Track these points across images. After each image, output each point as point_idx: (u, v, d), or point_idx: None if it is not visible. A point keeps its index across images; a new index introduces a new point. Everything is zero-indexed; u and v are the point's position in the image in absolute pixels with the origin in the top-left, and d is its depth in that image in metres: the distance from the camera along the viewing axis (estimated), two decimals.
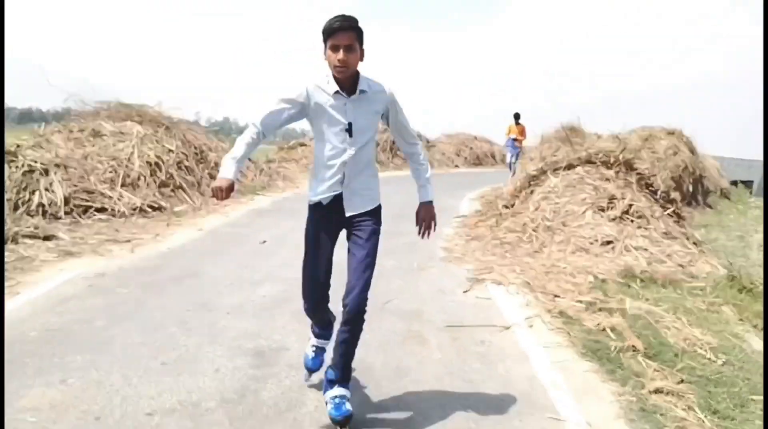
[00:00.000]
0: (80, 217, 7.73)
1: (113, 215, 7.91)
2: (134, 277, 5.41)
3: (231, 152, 2.73)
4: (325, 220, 2.95)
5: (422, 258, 6.64)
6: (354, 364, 3.04)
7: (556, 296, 5.20)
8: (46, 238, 6.54)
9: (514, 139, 15.30)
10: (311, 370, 3.30)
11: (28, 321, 4.17)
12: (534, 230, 7.42)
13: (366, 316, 2.91)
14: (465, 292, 5.42)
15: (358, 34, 2.76)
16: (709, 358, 4.02)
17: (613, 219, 7.42)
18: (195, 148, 10.83)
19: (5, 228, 6.42)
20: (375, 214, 3.00)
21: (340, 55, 2.67)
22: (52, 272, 5.45)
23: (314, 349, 3.28)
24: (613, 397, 3.44)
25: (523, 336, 4.35)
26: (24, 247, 6.16)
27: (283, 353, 3.76)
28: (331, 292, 3.11)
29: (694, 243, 8.46)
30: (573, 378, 3.67)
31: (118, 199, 8.13)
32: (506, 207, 9.08)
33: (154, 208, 8.40)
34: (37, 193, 7.73)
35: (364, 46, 2.80)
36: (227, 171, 2.64)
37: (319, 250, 2.95)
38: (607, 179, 8.62)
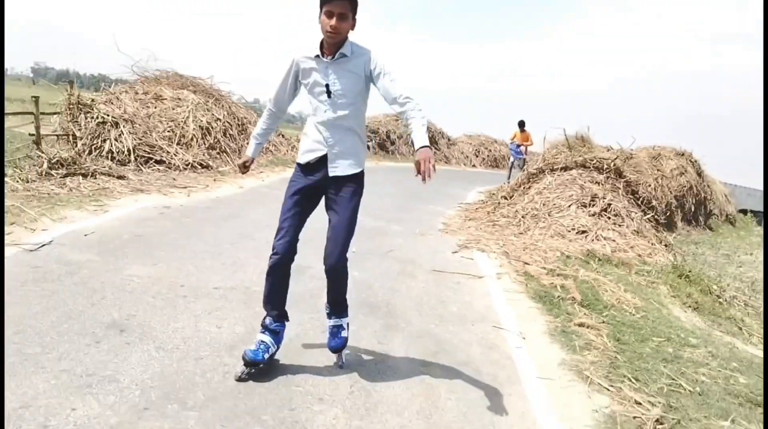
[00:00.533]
0: (142, 166, 9.10)
1: (169, 167, 9.28)
2: (193, 212, 6.75)
3: (254, 132, 3.25)
4: (309, 180, 3.03)
5: (424, 228, 7.89)
6: (360, 284, 4.30)
7: (525, 263, 6.42)
8: (119, 178, 7.91)
9: (518, 145, 16.29)
10: (250, 362, 2.96)
11: (119, 229, 5.53)
12: (523, 217, 8.64)
13: (370, 263, 4.08)
14: (453, 253, 6.68)
15: (353, 4, 2.82)
16: (630, 312, 5.22)
17: (593, 214, 8.60)
18: (237, 119, 12.18)
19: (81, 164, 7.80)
20: (357, 179, 3.07)
21: (333, 21, 2.76)
22: (129, 201, 6.81)
23: (258, 343, 3.05)
24: (545, 323, 4.67)
25: (491, 283, 5.59)
26: (102, 181, 7.54)
27: (307, 269, 5.04)
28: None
29: (665, 245, 9.61)
30: (519, 309, 4.91)
31: (174, 155, 9.50)
32: (505, 198, 10.28)
33: (202, 166, 9.77)
34: (107, 141, 9.11)
35: (357, 17, 2.87)
36: (249, 149, 3.24)
37: (293, 207, 3.02)
38: (597, 182, 9.79)
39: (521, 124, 16.23)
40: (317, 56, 2.88)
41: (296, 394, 2.91)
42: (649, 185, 17.38)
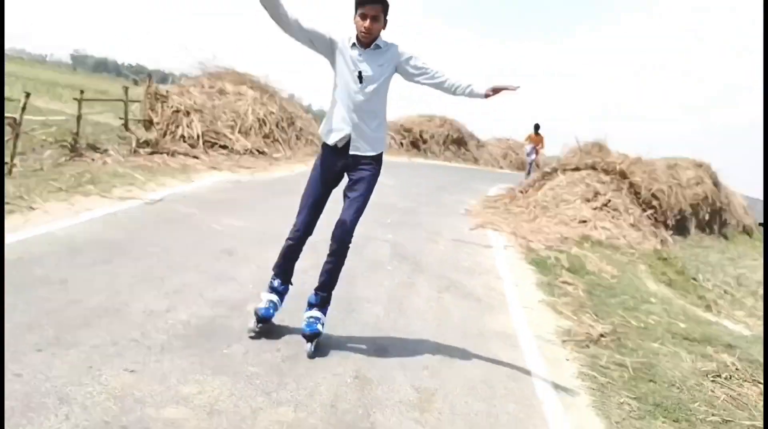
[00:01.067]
0: (208, 149, 10.64)
1: (231, 152, 10.81)
2: (258, 186, 8.26)
3: None
4: (331, 160, 3.29)
5: (449, 212, 9.25)
6: (395, 243, 5.67)
7: (529, 241, 7.74)
8: (194, 157, 9.45)
9: (534, 146, 17.26)
10: (262, 318, 3.33)
11: (206, 194, 7.03)
12: (534, 207, 9.93)
13: (402, 231, 5.50)
14: (471, 229, 8.03)
15: (384, 7, 3.07)
16: (607, 278, 6.51)
17: (595, 208, 9.84)
18: (287, 113, 13.69)
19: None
20: (376, 160, 3.31)
21: (367, 23, 3.02)
22: (206, 175, 8.35)
23: (268, 302, 3.39)
24: (535, 279, 5.99)
25: (498, 252, 6.93)
26: (181, 159, 9.08)
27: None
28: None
29: (661, 240, 10.80)
30: (516, 269, 6.25)
31: (236, 141, 11.03)
32: (521, 192, 11.57)
33: (259, 152, 11.28)
34: (180, 127, 10.67)
35: (388, 17, 3.10)
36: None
37: (319, 185, 3.31)
38: (602, 182, 11.01)
39: (536, 127, 17.05)
40: (354, 44, 3.14)
41: (356, 300, 4.30)
42: (663, 191, 18.47)
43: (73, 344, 2.76)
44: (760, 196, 35.77)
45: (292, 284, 3.49)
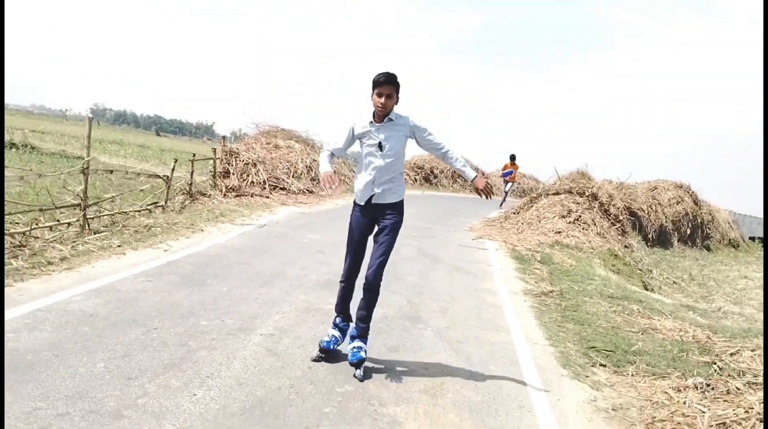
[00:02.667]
0: (272, 192, 13.63)
1: (289, 192, 13.79)
2: (318, 215, 11.17)
3: (324, 164, 3.84)
4: (361, 214, 3.90)
5: (456, 229, 12.08)
6: (419, 248, 8.50)
7: (515, 245, 10.54)
8: (266, 197, 12.45)
9: (507, 172, 18.95)
10: (323, 350, 3.84)
11: (287, 221, 9.95)
12: (521, 224, 12.75)
13: (423, 241, 8.33)
14: (472, 239, 10.85)
15: (396, 86, 3.65)
16: (566, 266, 9.28)
17: (568, 222, 12.62)
18: None
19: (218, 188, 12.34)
20: (397, 207, 3.87)
21: (382, 100, 3.62)
22: (281, 209, 11.30)
23: (331, 336, 3.90)
24: (514, 266, 8.77)
25: (491, 252, 9.73)
26: (258, 199, 12.06)
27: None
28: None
29: (625, 246, 13.53)
30: (502, 261, 9.05)
31: (292, 184, 14.03)
32: (514, 213, 14.39)
33: (309, 191, 14.26)
34: (250, 175, 13.69)
35: (399, 94, 3.70)
36: (326, 167, 3.78)
37: (356, 235, 3.91)
38: (577, 202, 13.80)
39: (512, 157, 18.75)
40: (371, 122, 3.72)
41: (401, 274, 7.12)
42: (642, 210, 21.24)
43: (273, 286, 5.65)
44: (748, 211, 38.14)
45: (352, 321, 4.01)
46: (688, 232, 25.63)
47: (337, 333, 3.98)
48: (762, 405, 3.93)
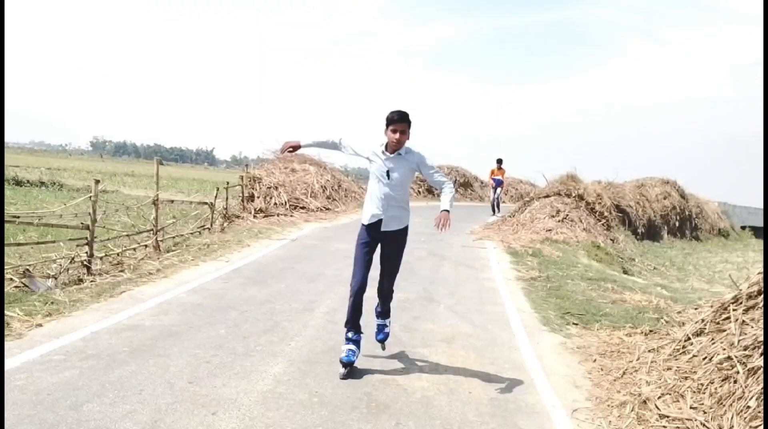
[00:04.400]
0: (293, 211, 15.21)
1: (308, 210, 15.38)
2: (338, 228, 12.74)
3: (315, 137, 4.26)
4: (369, 236, 4.24)
5: (459, 233, 13.61)
6: (430, 250, 10.06)
7: (510, 244, 12.07)
8: (290, 216, 14.03)
9: (496, 178, 18.62)
10: (346, 364, 4.12)
11: (314, 234, 11.52)
12: (516, 225, 14.29)
13: (432, 244, 9.87)
14: (474, 240, 12.40)
15: (408, 123, 4.05)
16: (554, 258, 10.80)
17: (557, 221, 14.15)
18: (337, 179, 18.35)
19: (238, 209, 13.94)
20: (402, 233, 4.27)
21: (397, 136, 4.01)
22: (306, 225, 12.88)
23: (348, 351, 4.20)
24: (509, 259, 10.31)
25: (489, 250, 11.26)
26: (283, 218, 13.64)
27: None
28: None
29: (611, 239, 15.04)
30: (499, 256, 10.59)
31: (310, 203, 15.62)
32: (510, 216, 15.94)
33: (326, 209, 15.84)
34: (273, 198, 15.29)
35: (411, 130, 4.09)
36: (298, 138, 4.19)
37: (363, 255, 4.24)
38: (565, 203, 15.34)
39: (499, 161, 18.52)
40: (383, 151, 4.13)
41: (416, 270, 8.66)
42: (630, 206, 22.74)
43: (318, 283, 7.19)
44: (739, 202, 39.61)
45: (363, 333, 4.34)
46: (677, 224, 27.04)
47: (352, 346, 4.22)
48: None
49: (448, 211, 4.11)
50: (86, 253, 6.61)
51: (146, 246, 8.28)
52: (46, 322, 4.69)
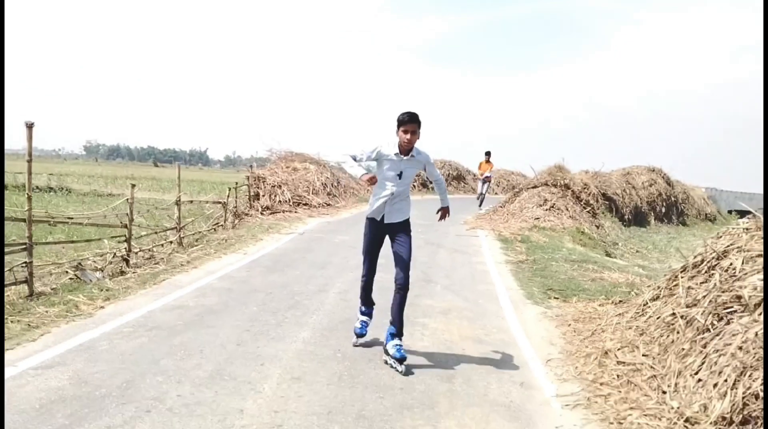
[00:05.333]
0: (295, 208, 16.06)
1: (310, 206, 16.23)
2: (340, 222, 13.61)
3: (357, 171, 4.32)
4: (375, 228, 4.61)
5: (453, 223, 14.49)
6: (428, 240, 10.95)
7: (500, 232, 12.97)
8: (294, 212, 14.89)
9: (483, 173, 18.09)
10: (359, 335, 4.73)
11: (317, 228, 12.40)
12: (506, 214, 15.19)
13: (430, 234, 10.76)
14: (467, 230, 13.30)
15: (418, 124, 4.29)
16: (541, 243, 11.71)
17: (545, 209, 15.06)
18: (335, 176, 19.19)
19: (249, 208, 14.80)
20: (405, 224, 4.60)
21: (408, 136, 4.26)
22: (310, 220, 13.74)
23: (361, 322, 4.76)
24: (500, 246, 11.21)
25: (482, 238, 12.16)
26: (288, 214, 14.50)
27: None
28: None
29: (597, 226, 15.98)
30: (490, 243, 11.49)
31: (311, 199, 16.47)
32: (501, 206, 16.84)
33: (327, 205, 16.70)
34: (277, 196, 16.13)
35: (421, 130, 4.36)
36: (361, 171, 4.31)
37: (371, 245, 4.67)
38: (552, 193, 16.25)
39: (488, 154, 18.01)
40: (396, 153, 4.36)
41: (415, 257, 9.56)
42: (617, 194, 23.66)
43: (328, 269, 8.07)
44: (725, 187, 40.70)
45: (374, 304, 4.91)
46: (663, 210, 28.02)
47: (365, 318, 4.84)
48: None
49: (447, 206, 4.95)
50: (125, 248, 7.46)
51: (171, 242, 9.13)
52: (107, 305, 5.56)
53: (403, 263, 4.48)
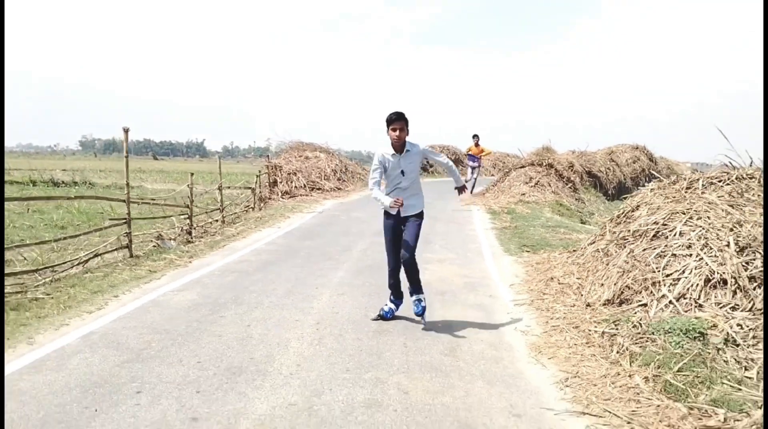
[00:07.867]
0: (310, 192, 18.13)
1: (323, 191, 18.30)
2: (352, 202, 15.70)
3: (381, 199, 4.88)
4: (393, 221, 5.08)
5: (449, 201, 16.58)
6: (428, 214, 13.06)
7: (491, 207, 15.04)
8: (310, 196, 16.97)
9: (473, 156, 17.95)
10: (382, 316, 5.23)
11: (335, 208, 14.49)
12: (497, 192, 17.25)
13: (431, 209, 12.79)
14: (462, 206, 15.37)
15: (406, 121, 4.70)
16: (523, 214, 13.79)
17: (530, 186, 17.11)
18: (343, 163, 21.26)
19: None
20: (419, 216, 5.09)
21: (397, 133, 4.67)
22: (325, 202, 15.83)
23: (389, 307, 5.27)
24: (488, 217, 13.28)
25: (474, 213, 14.22)
26: (304, 198, 16.58)
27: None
28: None
29: (577, 199, 18.04)
30: (481, 215, 13.57)
31: (323, 184, 18.54)
32: (493, 186, 18.89)
33: (338, 189, 18.77)
34: (293, 182, 18.20)
35: (409, 127, 4.77)
36: (387, 199, 4.81)
37: (391, 236, 5.09)
38: (538, 172, 18.29)
39: (476, 138, 17.58)
40: (392, 154, 4.82)
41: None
42: (601, 171, 25.67)
43: (348, 237, 10.17)
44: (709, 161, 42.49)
45: (402, 297, 5.35)
46: (647, 185, 29.98)
47: (392, 306, 5.32)
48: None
49: (464, 185, 5.52)
50: (188, 223, 9.58)
51: (217, 220, 11.23)
52: (194, 261, 7.67)
53: (407, 245, 4.94)
